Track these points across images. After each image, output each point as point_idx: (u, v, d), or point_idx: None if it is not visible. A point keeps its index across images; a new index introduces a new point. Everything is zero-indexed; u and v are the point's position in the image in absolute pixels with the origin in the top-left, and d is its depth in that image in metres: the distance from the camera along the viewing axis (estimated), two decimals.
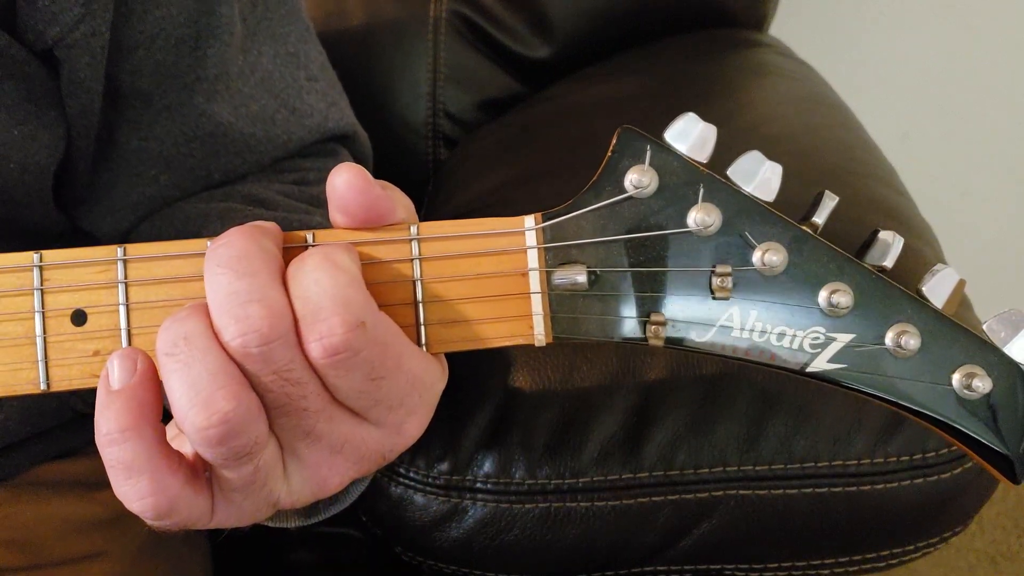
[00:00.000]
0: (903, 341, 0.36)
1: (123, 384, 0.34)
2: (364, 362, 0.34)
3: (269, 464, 0.35)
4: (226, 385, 0.33)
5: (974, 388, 0.36)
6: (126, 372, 0.34)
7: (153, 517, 0.35)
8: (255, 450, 0.34)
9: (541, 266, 0.38)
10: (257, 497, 0.36)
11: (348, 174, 0.36)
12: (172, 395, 0.33)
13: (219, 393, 0.33)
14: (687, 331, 0.37)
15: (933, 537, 0.53)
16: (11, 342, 0.37)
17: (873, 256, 0.37)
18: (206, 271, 0.34)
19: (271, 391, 0.34)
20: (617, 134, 0.37)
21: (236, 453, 0.34)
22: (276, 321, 0.33)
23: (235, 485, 0.35)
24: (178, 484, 0.34)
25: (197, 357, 0.33)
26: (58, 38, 0.45)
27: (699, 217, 0.37)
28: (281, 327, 0.33)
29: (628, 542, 0.52)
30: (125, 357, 0.35)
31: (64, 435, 0.56)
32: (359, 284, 0.34)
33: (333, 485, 0.38)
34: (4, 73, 0.45)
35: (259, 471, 0.35)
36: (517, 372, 0.52)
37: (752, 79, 0.76)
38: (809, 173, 0.60)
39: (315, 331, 0.33)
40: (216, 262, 0.34)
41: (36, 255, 0.37)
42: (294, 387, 0.34)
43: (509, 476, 0.51)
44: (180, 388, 0.33)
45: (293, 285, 0.34)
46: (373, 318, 0.34)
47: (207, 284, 0.34)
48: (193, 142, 0.53)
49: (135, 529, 0.57)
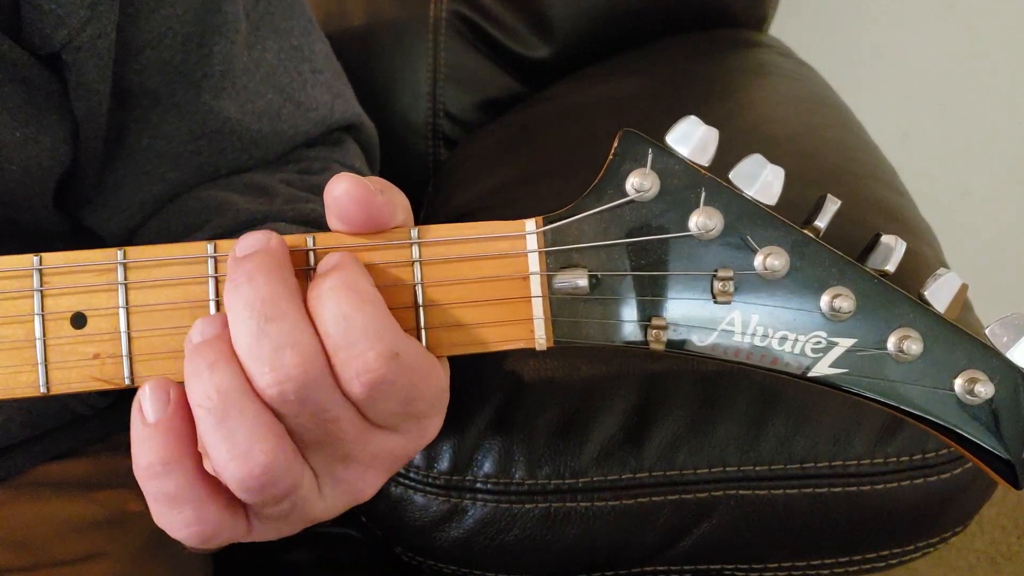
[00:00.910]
0: (905, 346, 0.36)
1: (159, 417, 0.34)
2: (400, 389, 0.34)
3: (306, 495, 0.35)
4: (264, 439, 0.33)
5: (976, 393, 0.36)
6: (159, 404, 0.34)
7: (198, 543, 0.35)
8: (293, 490, 0.34)
9: (542, 270, 0.38)
10: (294, 520, 0.36)
11: (347, 184, 0.35)
12: (208, 444, 0.33)
13: (257, 447, 0.32)
14: (688, 335, 0.37)
15: (933, 537, 0.53)
16: (11, 345, 0.37)
17: (875, 260, 0.37)
18: (228, 308, 0.34)
19: (308, 430, 0.34)
20: (618, 137, 0.37)
21: (275, 498, 0.34)
22: (311, 366, 0.33)
23: (273, 516, 0.36)
24: (219, 510, 0.35)
25: (233, 411, 0.33)
26: (65, 41, 0.45)
27: (701, 221, 0.37)
28: (316, 371, 0.33)
29: (628, 542, 0.52)
30: (156, 389, 0.34)
31: (64, 436, 0.56)
32: (385, 311, 0.34)
33: (368, 494, 0.38)
34: (6, 77, 0.45)
35: (296, 504, 0.35)
36: (517, 372, 0.52)
37: (752, 79, 0.76)
38: (809, 174, 0.60)
39: (351, 368, 0.33)
40: (241, 304, 0.33)
41: (36, 258, 0.37)
42: (331, 423, 0.34)
43: (509, 476, 0.51)
44: (216, 440, 0.33)
45: (320, 320, 0.33)
46: (404, 345, 0.34)
47: (232, 324, 0.33)
48: (200, 139, 0.53)
49: (135, 529, 0.57)
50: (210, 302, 0.37)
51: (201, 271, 0.37)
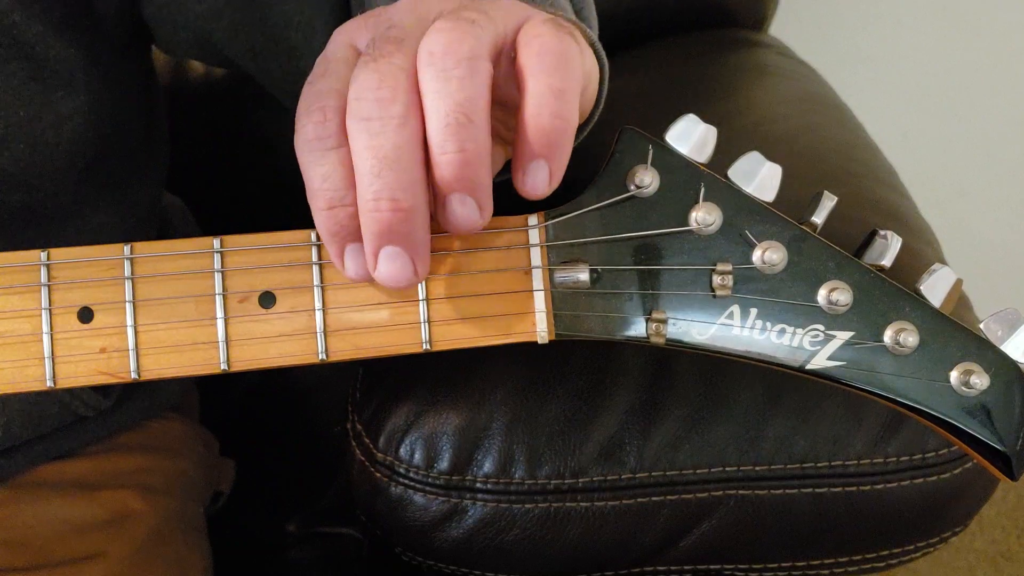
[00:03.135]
0: (902, 338, 0.37)
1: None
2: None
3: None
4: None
5: (972, 385, 0.37)
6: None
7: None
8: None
9: (544, 264, 0.38)
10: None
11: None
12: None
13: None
14: (688, 329, 0.38)
15: (933, 537, 0.53)
16: (18, 339, 0.37)
17: (872, 255, 0.38)
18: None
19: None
20: (619, 134, 0.38)
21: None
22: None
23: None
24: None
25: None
26: None
27: (700, 216, 0.37)
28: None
29: (628, 542, 0.52)
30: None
31: (65, 436, 0.56)
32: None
33: None
34: (10, 54, 0.45)
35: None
36: (517, 372, 0.52)
37: (752, 79, 0.76)
38: (809, 173, 0.60)
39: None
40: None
41: (43, 253, 0.37)
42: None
43: (509, 476, 0.51)
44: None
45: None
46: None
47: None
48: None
49: (135, 529, 0.57)
50: (216, 296, 0.37)
51: (207, 264, 0.37)
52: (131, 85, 0.54)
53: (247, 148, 0.83)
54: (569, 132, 0.34)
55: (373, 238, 0.34)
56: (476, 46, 0.33)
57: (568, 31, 0.35)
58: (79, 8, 0.47)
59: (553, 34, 0.34)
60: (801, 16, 1.08)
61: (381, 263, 0.34)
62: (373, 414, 0.53)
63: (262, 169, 0.82)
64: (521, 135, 0.34)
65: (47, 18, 0.45)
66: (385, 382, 0.54)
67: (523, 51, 0.34)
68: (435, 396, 0.52)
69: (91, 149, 0.50)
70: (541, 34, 0.34)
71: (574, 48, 0.34)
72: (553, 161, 0.34)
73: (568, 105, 0.34)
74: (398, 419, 0.51)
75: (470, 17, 0.34)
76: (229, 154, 0.83)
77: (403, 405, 0.52)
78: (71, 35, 0.47)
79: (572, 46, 0.34)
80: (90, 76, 0.48)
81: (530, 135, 0.33)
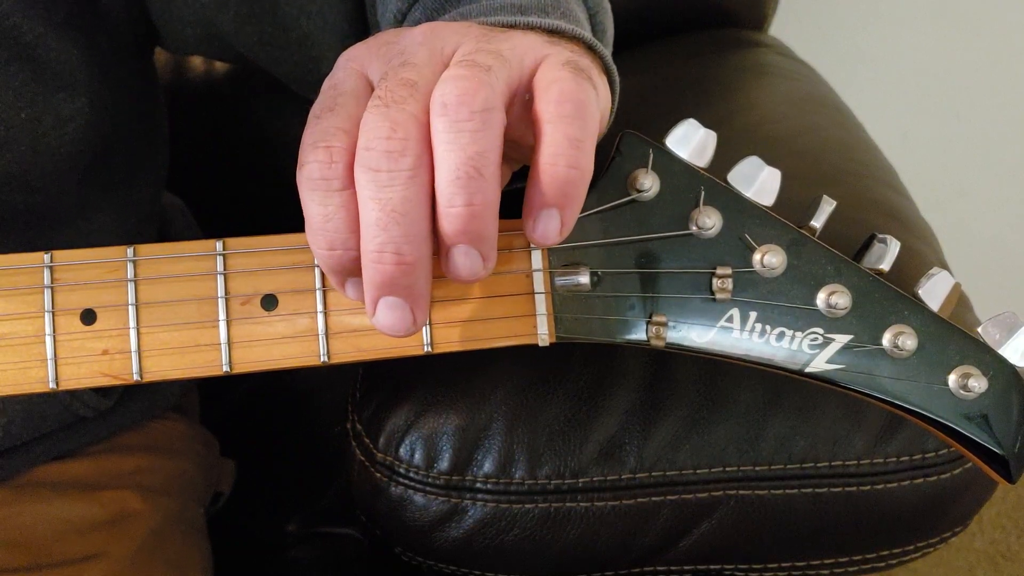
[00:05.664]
0: (900, 342, 0.37)
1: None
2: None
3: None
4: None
5: (970, 388, 0.37)
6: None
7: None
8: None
9: (545, 267, 0.38)
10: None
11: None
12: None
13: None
14: (688, 332, 0.38)
15: (933, 537, 0.53)
16: (21, 341, 0.37)
17: (870, 259, 0.38)
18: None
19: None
20: (619, 138, 0.38)
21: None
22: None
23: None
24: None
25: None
26: None
27: (700, 220, 0.37)
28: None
29: (628, 542, 0.52)
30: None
31: (65, 437, 0.56)
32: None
33: None
34: (11, 56, 0.44)
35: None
36: (517, 372, 0.52)
37: (752, 79, 0.76)
38: (809, 173, 0.60)
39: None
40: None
41: (47, 255, 0.37)
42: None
43: (509, 476, 0.51)
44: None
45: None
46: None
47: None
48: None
49: (135, 529, 0.57)
50: (219, 298, 0.38)
51: (210, 267, 0.38)
52: (132, 86, 0.54)
53: (247, 148, 0.83)
54: (584, 181, 0.34)
55: (374, 288, 0.33)
56: (490, 97, 0.32)
57: (586, 75, 0.34)
58: (83, 8, 0.47)
59: (572, 79, 0.34)
60: (801, 16, 1.08)
61: (380, 312, 0.34)
62: (373, 414, 0.53)
63: (262, 169, 0.82)
64: (535, 183, 0.33)
65: (49, 19, 0.45)
66: (385, 382, 0.54)
67: (540, 97, 0.34)
68: (435, 396, 0.52)
69: (92, 150, 0.50)
70: (559, 79, 0.34)
71: (592, 94, 0.34)
72: (566, 210, 0.34)
73: (585, 155, 0.33)
74: (398, 419, 0.51)
75: (485, 63, 0.33)
76: (229, 154, 0.83)
77: (403, 405, 0.52)
78: (73, 36, 0.47)
79: (590, 92, 0.34)
80: (91, 77, 0.48)
81: (544, 184, 0.33)
